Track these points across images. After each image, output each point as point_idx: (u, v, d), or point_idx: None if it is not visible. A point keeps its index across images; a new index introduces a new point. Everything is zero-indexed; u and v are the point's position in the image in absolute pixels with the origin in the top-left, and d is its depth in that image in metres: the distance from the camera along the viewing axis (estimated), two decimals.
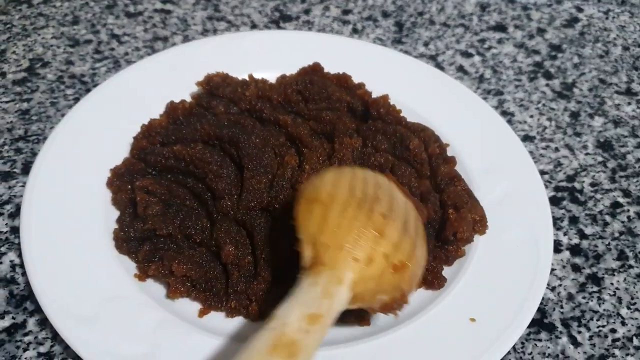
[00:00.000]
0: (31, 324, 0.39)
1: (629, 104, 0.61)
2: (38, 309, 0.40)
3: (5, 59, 0.58)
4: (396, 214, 0.35)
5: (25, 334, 0.39)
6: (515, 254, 0.43)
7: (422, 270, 0.36)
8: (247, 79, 0.53)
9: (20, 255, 0.42)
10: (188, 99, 0.52)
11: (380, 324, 0.40)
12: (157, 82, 0.53)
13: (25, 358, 0.38)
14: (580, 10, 0.73)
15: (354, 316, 0.39)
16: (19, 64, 0.58)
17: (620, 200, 0.52)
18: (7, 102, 0.54)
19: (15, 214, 0.45)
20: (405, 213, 0.36)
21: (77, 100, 0.54)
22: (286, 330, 0.29)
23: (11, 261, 0.42)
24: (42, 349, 0.38)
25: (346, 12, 0.69)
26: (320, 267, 0.32)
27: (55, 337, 0.39)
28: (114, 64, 0.59)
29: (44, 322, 0.39)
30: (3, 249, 0.43)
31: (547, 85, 0.63)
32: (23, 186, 0.47)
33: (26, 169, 0.48)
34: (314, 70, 0.53)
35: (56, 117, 0.53)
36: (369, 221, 0.33)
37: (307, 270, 0.32)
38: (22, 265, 0.42)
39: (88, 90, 0.55)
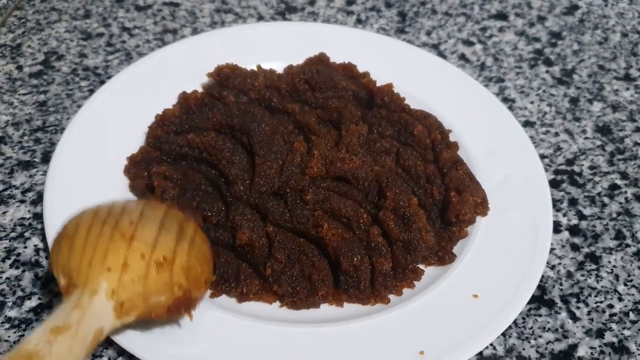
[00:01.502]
0: (57, 304, 0.41)
1: (627, 89, 0.63)
2: None
3: (21, 52, 0.60)
4: (148, 217, 0.35)
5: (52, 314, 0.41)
6: (516, 234, 0.45)
7: (208, 265, 0.36)
8: (256, 69, 0.55)
9: (43, 240, 0.45)
10: (199, 90, 0.54)
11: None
12: (168, 74, 0.54)
13: None
14: None
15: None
16: (34, 57, 0.60)
17: (618, 182, 0.53)
18: (24, 94, 0.56)
19: (37, 201, 0.47)
20: (163, 215, 0.36)
21: (91, 91, 0.56)
22: (22, 346, 0.29)
23: (35, 245, 0.45)
24: None
25: (350, 2, 0.71)
26: (73, 288, 0.33)
27: None
28: (125, 56, 0.61)
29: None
30: (27, 234, 0.45)
31: (547, 72, 0.64)
32: (43, 175, 0.49)
33: (45, 158, 0.50)
34: (320, 60, 0.55)
35: (72, 108, 0.55)
36: (115, 231, 0.33)
37: (63, 298, 0.33)
38: (45, 249, 0.44)
39: (102, 82, 0.57)
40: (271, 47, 0.58)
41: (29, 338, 0.30)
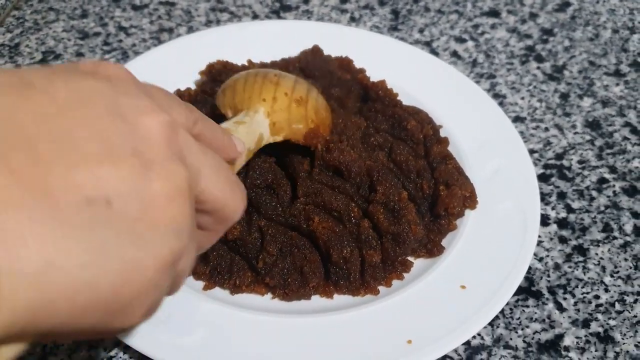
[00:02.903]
0: None
1: (617, 84, 0.64)
2: None
3: (19, 52, 0.61)
4: (285, 75, 0.47)
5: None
6: (504, 226, 0.46)
7: (329, 115, 0.48)
8: (247, 64, 0.56)
9: None
10: (193, 87, 0.55)
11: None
12: (164, 72, 0.55)
13: None
14: None
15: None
16: (32, 56, 0.61)
17: (607, 176, 0.54)
18: None
19: None
20: (296, 77, 0.48)
21: None
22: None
23: None
24: None
25: (344, 1, 0.72)
26: (238, 111, 0.43)
27: None
28: (122, 55, 0.62)
29: None
30: None
31: (538, 68, 0.65)
32: None
33: None
34: (314, 52, 0.56)
35: None
36: (265, 79, 0.45)
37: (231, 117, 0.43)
38: None
39: None
40: (266, 45, 0.59)
41: (221, 125, 0.38)
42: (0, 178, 0.18)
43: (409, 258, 0.45)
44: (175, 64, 0.56)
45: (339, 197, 0.44)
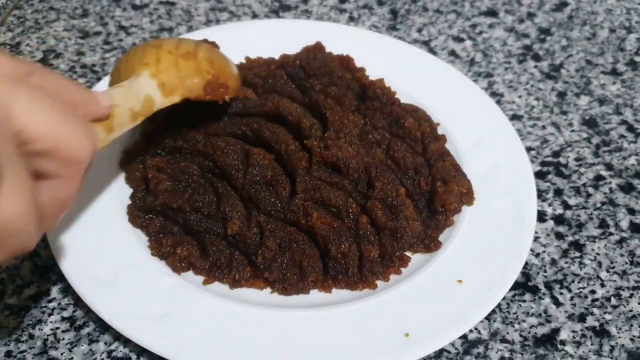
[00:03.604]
0: (55, 291, 0.43)
1: (614, 83, 0.64)
2: (60, 279, 0.43)
3: (20, 51, 0.62)
4: (167, 39, 0.46)
5: (50, 301, 0.42)
6: (501, 222, 0.46)
7: (229, 65, 0.47)
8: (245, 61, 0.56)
9: None
10: None
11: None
12: None
13: (50, 322, 0.41)
14: None
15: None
16: (33, 55, 0.61)
17: (603, 173, 0.55)
18: None
19: None
20: (182, 39, 0.46)
21: (89, 88, 0.58)
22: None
23: None
24: (65, 314, 0.42)
25: (343, 1, 0.72)
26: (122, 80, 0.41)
27: (77, 303, 0.42)
28: (122, 53, 0.62)
29: (67, 290, 0.43)
30: None
31: (535, 67, 0.65)
32: None
33: None
34: (317, 48, 0.56)
35: None
36: (146, 45, 0.44)
37: None
38: (43, 240, 0.46)
39: (99, 79, 0.58)
40: (265, 44, 0.60)
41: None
42: None
43: (407, 253, 0.45)
44: None
45: (337, 193, 0.45)
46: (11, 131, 0.23)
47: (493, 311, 0.44)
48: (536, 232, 0.49)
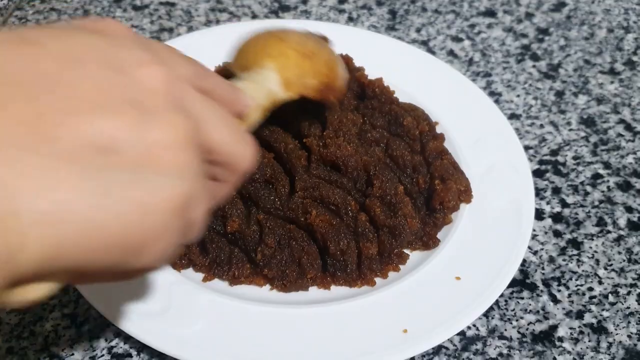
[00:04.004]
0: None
1: (612, 82, 0.64)
2: None
3: None
4: (290, 31, 0.45)
5: (50, 298, 0.43)
6: (499, 220, 0.47)
7: (343, 70, 0.47)
8: None
9: None
10: None
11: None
12: None
13: (51, 318, 0.41)
14: None
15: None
16: None
17: (601, 171, 0.55)
18: None
19: None
20: (304, 34, 0.46)
21: None
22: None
23: None
24: (66, 311, 0.42)
25: (342, 1, 0.73)
26: (246, 70, 0.41)
27: (78, 300, 0.42)
28: None
29: (67, 288, 0.43)
30: None
31: (533, 66, 0.66)
32: None
33: None
34: None
35: None
36: (270, 36, 0.44)
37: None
38: None
39: None
40: None
41: None
42: (7, 127, 0.19)
43: (405, 250, 0.45)
44: None
45: (336, 191, 0.45)
46: (198, 142, 0.25)
47: (491, 308, 0.44)
48: (534, 230, 0.49)
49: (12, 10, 0.67)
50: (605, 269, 0.48)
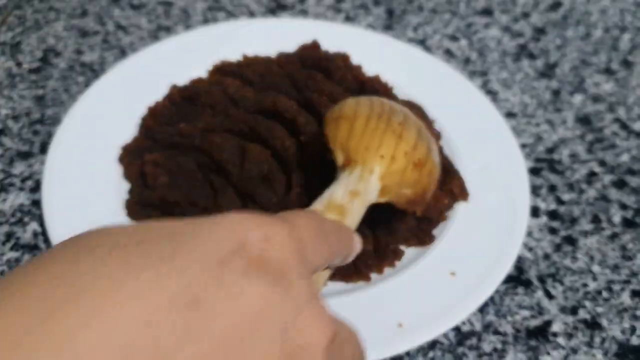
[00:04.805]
0: None
1: (608, 82, 0.65)
2: None
3: (20, 50, 0.63)
4: (410, 123, 0.42)
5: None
6: (494, 217, 0.47)
7: (438, 174, 0.43)
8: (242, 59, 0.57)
9: (42, 225, 0.47)
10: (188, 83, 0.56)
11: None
12: (160, 68, 0.56)
13: None
14: None
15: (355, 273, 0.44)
16: (33, 54, 0.62)
17: (596, 169, 0.55)
18: (24, 89, 0.58)
19: (35, 189, 0.49)
20: (418, 124, 0.43)
21: (87, 86, 0.58)
22: (333, 199, 0.37)
23: (34, 230, 0.47)
24: None
25: (339, 0, 0.73)
26: (353, 163, 0.39)
27: None
28: (120, 53, 0.63)
29: None
30: (26, 220, 0.47)
31: (530, 66, 0.66)
32: (42, 164, 0.51)
33: (43, 149, 0.52)
34: (313, 47, 0.57)
35: (69, 102, 0.57)
36: (388, 127, 0.40)
37: (342, 168, 0.39)
38: (43, 234, 0.46)
39: (97, 77, 0.59)
40: (262, 42, 0.61)
41: (334, 194, 0.37)
42: None
43: (401, 247, 0.46)
44: (171, 60, 0.57)
45: None
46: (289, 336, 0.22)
47: (486, 304, 0.44)
48: (529, 227, 0.50)
49: (11, 10, 0.67)
50: (600, 265, 0.48)
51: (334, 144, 0.40)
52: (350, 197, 0.37)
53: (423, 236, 0.46)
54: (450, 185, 0.47)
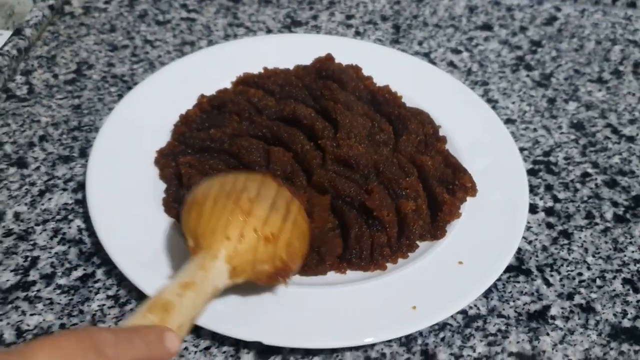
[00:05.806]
0: (99, 274, 0.48)
1: (600, 90, 0.70)
2: (104, 263, 0.48)
3: (56, 62, 0.68)
4: (263, 196, 0.42)
5: (95, 282, 0.47)
6: (497, 213, 0.52)
7: (305, 242, 0.43)
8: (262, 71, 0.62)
9: (85, 221, 0.51)
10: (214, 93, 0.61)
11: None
12: (188, 80, 0.61)
13: (97, 299, 0.46)
14: (558, 10, 0.82)
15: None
16: (67, 67, 0.67)
17: (590, 170, 0.60)
18: (61, 99, 0.63)
19: (77, 189, 0.54)
20: (275, 194, 0.43)
21: (120, 96, 0.63)
22: (160, 295, 0.35)
23: (78, 226, 0.51)
24: (110, 293, 0.47)
25: (349, 17, 0.78)
26: (198, 250, 0.39)
27: (120, 283, 0.47)
28: (149, 65, 0.68)
29: (110, 272, 0.48)
30: (70, 217, 0.52)
31: (527, 76, 0.71)
32: (81, 167, 0.56)
33: (83, 153, 0.57)
34: (327, 59, 0.62)
35: (104, 110, 0.62)
36: (236, 206, 0.40)
37: (192, 254, 0.40)
38: (87, 229, 0.51)
39: (129, 88, 0.64)
40: (279, 56, 0.65)
41: (163, 289, 0.36)
42: None
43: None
44: (198, 72, 0.62)
45: (349, 184, 0.50)
46: None
47: (490, 290, 0.49)
48: (529, 223, 0.54)
49: (45, 26, 0.72)
50: (594, 256, 0.53)
51: (186, 230, 0.41)
52: (181, 289, 0.35)
53: (435, 231, 0.50)
54: (462, 181, 0.52)
